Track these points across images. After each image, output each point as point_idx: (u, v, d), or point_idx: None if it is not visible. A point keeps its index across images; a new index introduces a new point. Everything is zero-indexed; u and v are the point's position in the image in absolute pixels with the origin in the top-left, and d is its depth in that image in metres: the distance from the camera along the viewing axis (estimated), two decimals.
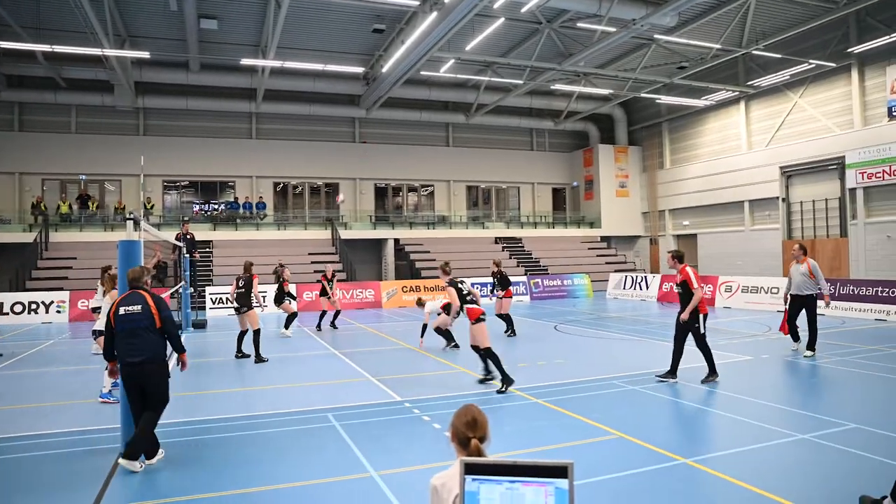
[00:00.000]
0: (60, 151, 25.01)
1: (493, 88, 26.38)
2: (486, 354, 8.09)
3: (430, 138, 30.04)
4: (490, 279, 14.21)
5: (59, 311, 19.67)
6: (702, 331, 8.03)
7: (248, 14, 19.90)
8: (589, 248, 29.70)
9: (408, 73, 21.86)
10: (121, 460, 5.18)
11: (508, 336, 13.23)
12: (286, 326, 14.29)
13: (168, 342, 5.54)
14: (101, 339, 6.65)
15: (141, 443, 5.23)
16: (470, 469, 1.80)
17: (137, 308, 5.41)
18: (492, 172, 30.93)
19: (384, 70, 22.41)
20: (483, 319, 8.17)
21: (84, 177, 24.96)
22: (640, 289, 23.06)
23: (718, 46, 20.77)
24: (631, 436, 5.94)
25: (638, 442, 5.77)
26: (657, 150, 30.62)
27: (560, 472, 1.73)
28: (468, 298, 8.45)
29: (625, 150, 31.32)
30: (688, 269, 8.20)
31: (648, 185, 31.11)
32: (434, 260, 25.84)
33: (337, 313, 15.91)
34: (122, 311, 5.42)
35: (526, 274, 25.57)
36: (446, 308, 10.05)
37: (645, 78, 23.88)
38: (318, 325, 15.53)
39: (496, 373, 8.03)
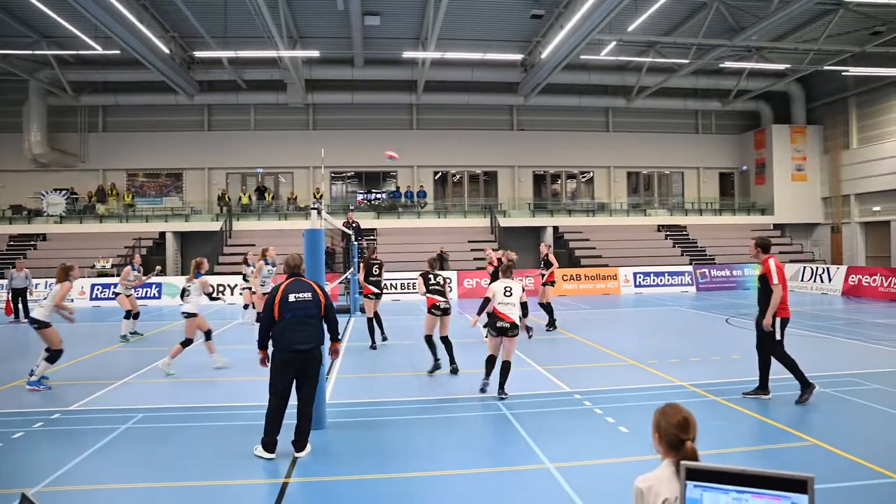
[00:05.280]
0: (241, 147, 29.06)
1: (656, 70, 26.68)
2: (426, 342, 9.26)
3: (589, 124, 30.85)
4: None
5: (241, 294, 22.29)
6: (777, 336, 7.26)
7: (409, 8, 21.97)
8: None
9: (567, 58, 22.80)
10: (298, 455, 5.72)
11: (548, 330, 13.51)
12: None
13: (327, 328, 5.91)
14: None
15: (308, 430, 5.83)
16: (692, 475, 1.78)
17: (307, 295, 5.71)
18: (654, 157, 31.20)
19: (543, 56, 23.51)
20: (433, 312, 9.19)
21: (261, 170, 28.42)
22: (821, 281, 22.50)
23: None
24: (829, 444, 5.73)
25: (839, 452, 5.53)
26: (841, 129, 29.32)
27: (798, 485, 1.64)
28: (433, 288, 9.34)
29: (802, 129, 30.25)
30: (771, 261, 7.35)
31: (830, 168, 29.87)
32: (594, 248, 26.46)
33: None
34: (291, 297, 5.65)
35: (691, 264, 25.71)
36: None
37: (830, 48, 23.17)
38: None
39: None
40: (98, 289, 22.23)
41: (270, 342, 5.73)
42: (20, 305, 17.44)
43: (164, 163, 29.33)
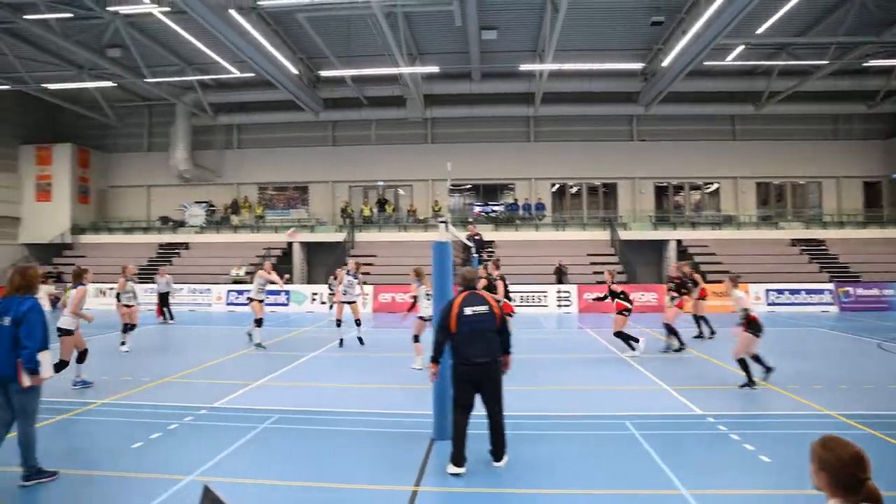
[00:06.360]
0: (363, 161, 30.28)
1: (788, 73, 25.06)
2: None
3: (714, 132, 29.49)
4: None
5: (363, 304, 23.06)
6: None
7: (525, 21, 21.93)
8: None
9: (690, 64, 21.88)
10: (497, 464, 5.72)
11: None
12: None
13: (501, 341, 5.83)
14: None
15: (502, 442, 5.78)
16: None
17: (484, 308, 5.68)
18: (785, 167, 29.26)
19: (664, 64, 22.71)
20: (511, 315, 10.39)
21: (381, 183, 29.36)
22: None
23: None
24: None
25: None
26: None
27: None
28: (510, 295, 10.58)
29: None
30: None
31: None
32: (721, 263, 25.17)
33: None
34: (468, 311, 5.63)
35: (832, 281, 23.80)
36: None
37: None
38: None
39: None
40: (233, 295, 23.83)
41: (448, 355, 5.76)
42: (166, 308, 18.93)
43: (291, 177, 31.15)
